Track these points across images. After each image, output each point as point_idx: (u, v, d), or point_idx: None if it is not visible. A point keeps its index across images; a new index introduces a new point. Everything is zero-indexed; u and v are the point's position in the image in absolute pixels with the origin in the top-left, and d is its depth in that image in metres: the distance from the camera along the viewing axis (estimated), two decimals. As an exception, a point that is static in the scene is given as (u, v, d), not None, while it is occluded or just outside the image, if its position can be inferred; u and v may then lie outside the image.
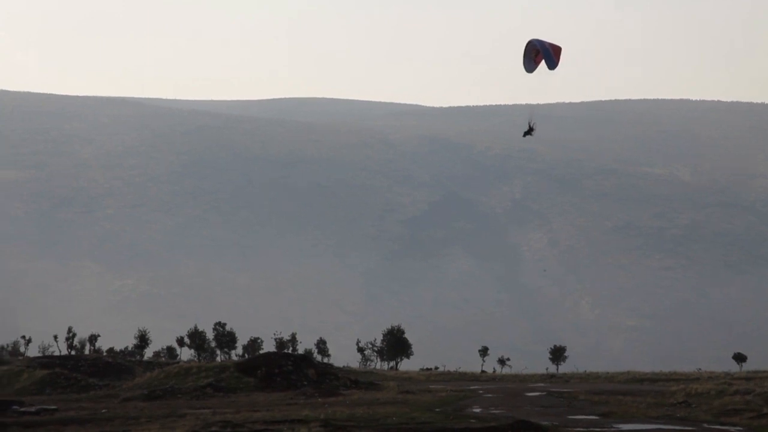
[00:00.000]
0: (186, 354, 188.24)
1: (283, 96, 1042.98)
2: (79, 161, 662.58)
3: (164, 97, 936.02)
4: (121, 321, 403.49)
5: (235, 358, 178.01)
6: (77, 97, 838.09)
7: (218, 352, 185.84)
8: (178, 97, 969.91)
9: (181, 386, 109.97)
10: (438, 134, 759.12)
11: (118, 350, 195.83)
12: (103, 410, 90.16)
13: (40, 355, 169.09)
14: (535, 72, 68.71)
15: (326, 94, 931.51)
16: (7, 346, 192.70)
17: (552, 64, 68.57)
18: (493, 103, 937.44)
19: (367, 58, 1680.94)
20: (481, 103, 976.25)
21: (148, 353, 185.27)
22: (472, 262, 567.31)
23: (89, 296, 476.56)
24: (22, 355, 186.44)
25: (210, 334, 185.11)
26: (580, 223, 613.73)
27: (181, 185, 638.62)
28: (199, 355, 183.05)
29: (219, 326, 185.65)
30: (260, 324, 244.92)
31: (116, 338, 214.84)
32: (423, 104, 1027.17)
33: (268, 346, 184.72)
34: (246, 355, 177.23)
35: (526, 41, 69.52)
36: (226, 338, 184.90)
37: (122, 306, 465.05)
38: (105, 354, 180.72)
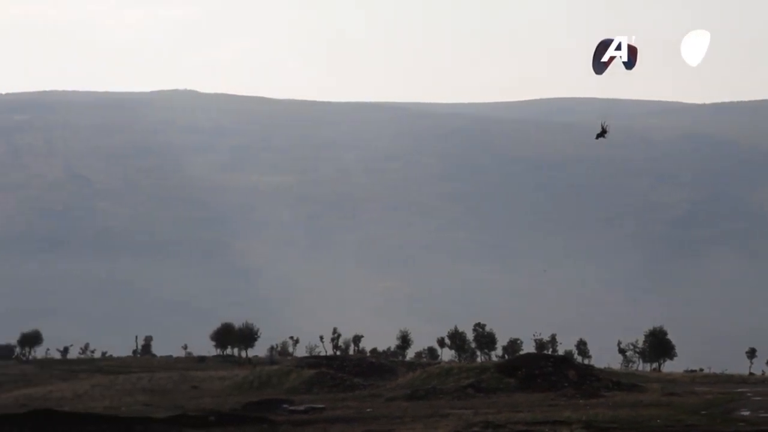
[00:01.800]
0: (447, 354, 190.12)
1: (540, 96, 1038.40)
2: (342, 166, 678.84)
3: (422, 101, 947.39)
4: (383, 322, 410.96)
5: (495, 358, 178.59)
6: (339, 102, 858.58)
7: (478, 352, 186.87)
8: (435, 101, 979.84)
9: (442, 386, 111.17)
10: (701, 131, 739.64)
11: (381, 351, 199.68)
12: (368, 409, 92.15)
13: (307, 355, 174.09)
14: None
15: (584, 94, 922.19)
16: (277, 346, 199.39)
17: (629, 64, 66.48)
18: (758, 98, 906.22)
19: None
20: (745, 99, 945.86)
21: (410, 354, 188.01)
22: (741, 263, 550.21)
23: (353, 298, 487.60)
24: (291, 355, 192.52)
25: (470, 335, 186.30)
26: None
27: (440, 188, 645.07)
28: (459, 355, 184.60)
29: (479, 327, 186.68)
30: (520, 325, 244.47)
31: (379, 339, 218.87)
32: (685, 101, 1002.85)
33: (528, 347, 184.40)
34: (506, 356, 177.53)
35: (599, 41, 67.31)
36: (485, 339, 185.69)
37: (384, 307, 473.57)
38: (369, 354, 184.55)
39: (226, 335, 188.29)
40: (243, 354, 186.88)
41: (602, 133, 72.07)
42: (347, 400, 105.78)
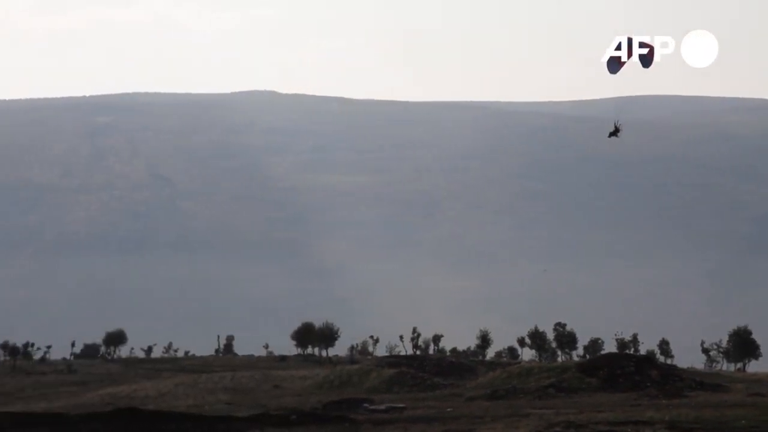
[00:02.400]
0: (527, 354, 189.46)
1: (619, 94, 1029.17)
2: (421, 165, 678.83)
3: (501, 100, 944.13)
4: (463, 322, 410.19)
5: (575, 358, 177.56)
6: (417, 102, 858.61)
7: (559, 352, 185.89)
8: (513, 99, 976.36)
9: (523, 386, 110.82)
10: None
11: (461, 350, 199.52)
12: (448, 409, 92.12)
13: (387, 354, 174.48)
14: None
15: (667, 91, 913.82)
16: (357, 346, 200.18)
17: (646, 63, 65.84)
18: None
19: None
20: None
21: (490, 353, 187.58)
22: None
23: (433, 297, 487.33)
24: (371, 354, 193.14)
25: (550, 335, 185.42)
26: None
27: (519, 186, 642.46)
28: (540, 355, 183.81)
29: (559, 327, 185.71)
30: (600, 324, 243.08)
31: (459, 338, 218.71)
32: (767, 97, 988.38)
33: (609, 347, 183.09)
34: (587, 356, 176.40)
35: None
36: (566, 339, 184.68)
37: (464, 307, 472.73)
38: (448, 354, 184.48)
39: (306, 335, 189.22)
40: (323, 353, 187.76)
41: (615, 132, 71.08)
42: (427, 399, 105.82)
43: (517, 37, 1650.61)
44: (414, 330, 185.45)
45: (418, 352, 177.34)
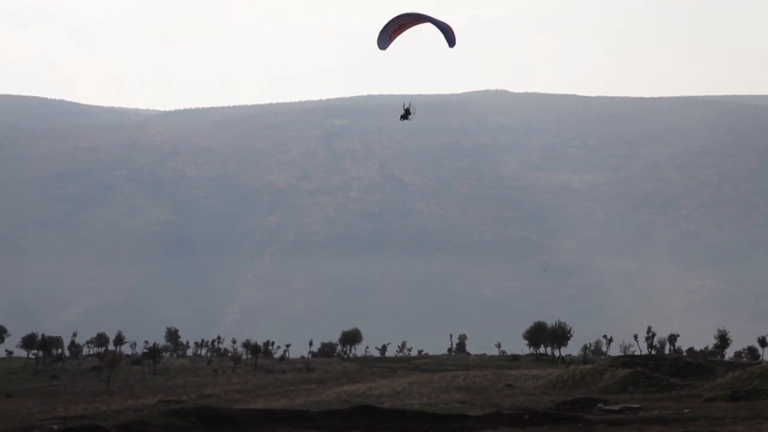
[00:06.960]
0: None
1: None
2: (654, 163, 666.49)
3: (739, 94, 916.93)
4: (700, 321, 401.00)
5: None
6: (650, 98, 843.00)
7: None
8: (752, 93, 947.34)
9: (765, 387, 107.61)
10: None
11: (698, 350, 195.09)
12: (686, 410, 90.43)
13: (621, 354, 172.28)
14: None
15: None
16: (590, 345, 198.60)
17: (451, 42, 63.07)
18: None
19: None
20: None
21: (729, 353, 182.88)
22: None
23: (668, 296, 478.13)
24: (604, 354, 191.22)
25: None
26: None
27: (759, 183, 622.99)
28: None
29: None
30: None
31: (695, 338, 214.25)
32: None
33: None
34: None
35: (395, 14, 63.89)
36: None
37: (701, 306, 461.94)
38: (685, 354, 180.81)
39: (538, 334, 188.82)
40: (556, 353, 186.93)
41: (405, 115, 70.71)
42: (663, 400, 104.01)
43: (758, 27, 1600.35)
44: (649, 329, 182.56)
45: (653, 352, 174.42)
